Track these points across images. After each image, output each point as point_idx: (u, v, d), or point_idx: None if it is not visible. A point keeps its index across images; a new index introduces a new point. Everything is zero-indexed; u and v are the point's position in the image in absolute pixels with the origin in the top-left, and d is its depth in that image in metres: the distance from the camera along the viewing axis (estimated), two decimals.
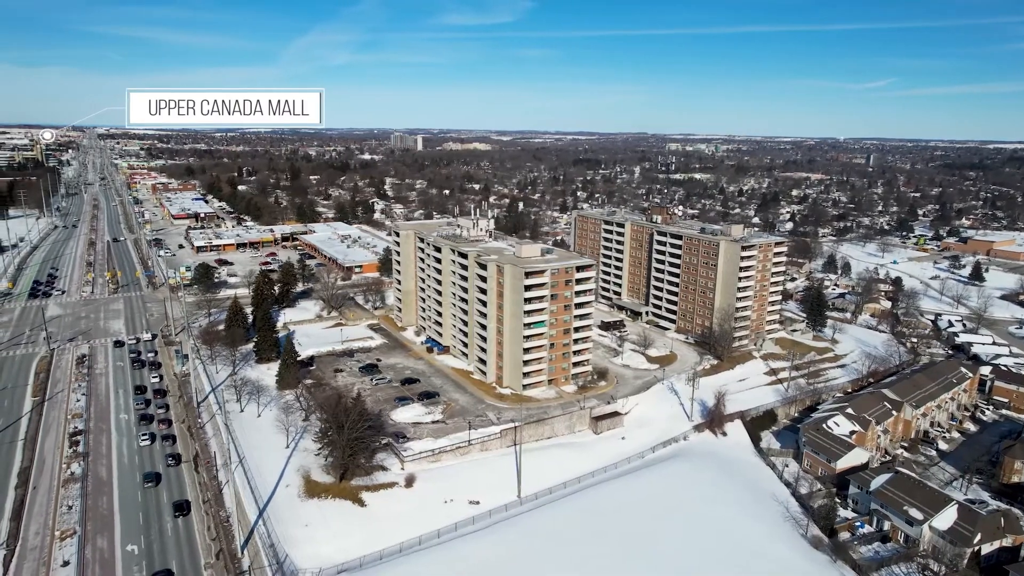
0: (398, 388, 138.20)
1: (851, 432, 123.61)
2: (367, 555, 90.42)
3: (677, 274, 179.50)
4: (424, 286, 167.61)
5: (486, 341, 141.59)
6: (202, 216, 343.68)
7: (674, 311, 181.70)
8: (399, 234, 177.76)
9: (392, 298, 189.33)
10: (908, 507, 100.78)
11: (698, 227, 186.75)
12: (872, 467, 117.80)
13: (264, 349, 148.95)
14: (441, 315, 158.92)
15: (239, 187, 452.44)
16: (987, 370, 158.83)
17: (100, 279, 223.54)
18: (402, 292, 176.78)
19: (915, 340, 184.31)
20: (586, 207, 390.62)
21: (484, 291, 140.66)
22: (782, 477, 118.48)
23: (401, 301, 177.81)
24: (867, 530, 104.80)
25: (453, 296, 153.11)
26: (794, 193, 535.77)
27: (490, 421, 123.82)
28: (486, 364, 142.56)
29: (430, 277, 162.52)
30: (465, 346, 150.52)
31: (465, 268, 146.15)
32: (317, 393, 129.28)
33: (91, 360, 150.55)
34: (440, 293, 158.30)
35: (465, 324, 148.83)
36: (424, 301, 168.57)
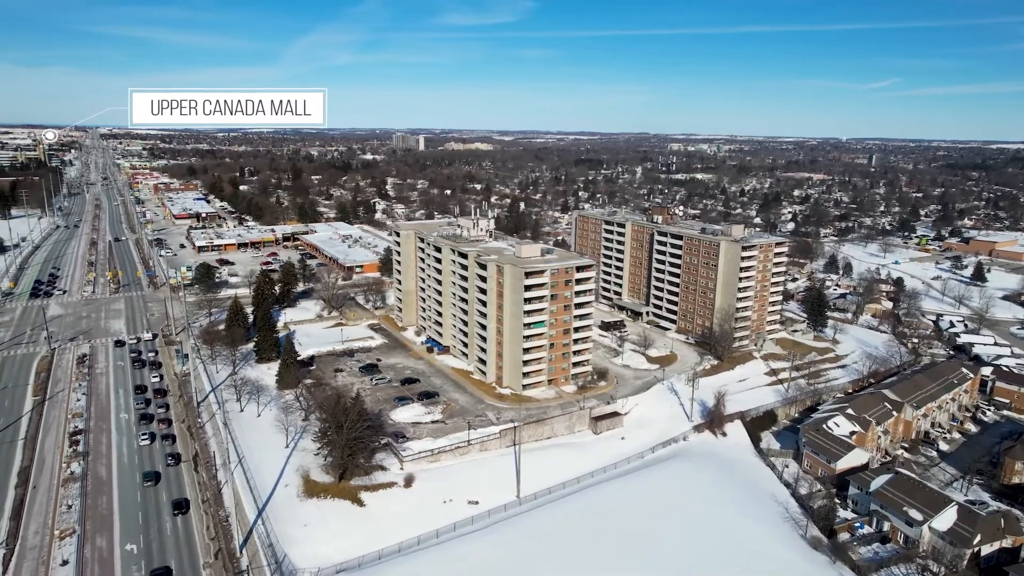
0: (398, 388, 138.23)
1: (851, 433, 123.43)
2: (366, 555, 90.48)
3: (678, 274, 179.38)
4: (424, 286, 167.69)
5: (486, 341, 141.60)
6: (204, 216, 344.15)
7: (675, 311, 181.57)
8: (399, 234, 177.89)
9: (393, 298, 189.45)
10: (908, 508, 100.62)
11: (699, 227, 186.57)
12: (872, 468, 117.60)
13: (264, 349, 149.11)
14: (441, 315, 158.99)
15: (241, 187, 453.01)
16: (988, 371, 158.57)
17: (101, 279, 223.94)
18: (402, 292, 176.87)
19: (916, 341, 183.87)
20: (587, 207, 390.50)
21: (484, 291, 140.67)
22: (782, 478, 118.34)
23: (401, 301, 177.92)
24: (867, 531, 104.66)
25: (453, 296, 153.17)
26: (796, 193, 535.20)
27: (489, 421, 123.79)
28: (486, 364, 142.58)
29: (430, 277, 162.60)
30: (465, 346, 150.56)
31: (465, 268, 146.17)
32: (317, 393, 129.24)
33: (92, 360, 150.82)
34: (440, 293, 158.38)
35: (465, 324, 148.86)
36: (424, 301, 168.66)
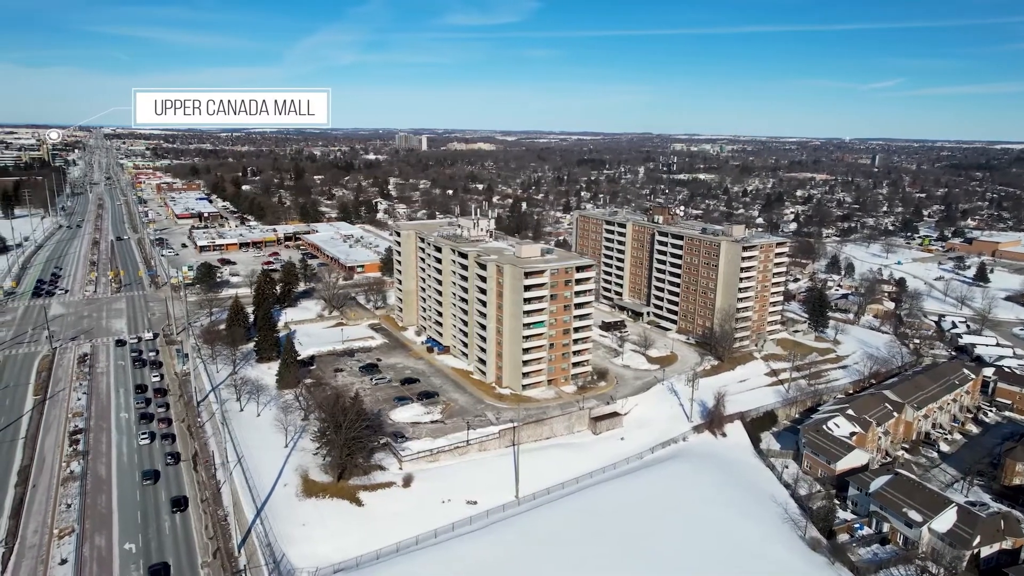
0: (398, 388, 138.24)
1: (851, 433, 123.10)
2: (364, 555, 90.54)
3: (678, 275, 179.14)
4: (425, 286, 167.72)
5: (486, 341, 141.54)
6: (206, 216, 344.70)
7: (675, 312, 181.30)
8: (400, 234, 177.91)
9: (393, 298, 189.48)
10: (907, 509, 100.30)
11: (699, 227, 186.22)
12: (872, 469, 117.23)
13: (265, 348, 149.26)
14: (441, 315, 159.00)
15: (243, 187, 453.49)
16: (990, 372, 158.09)
17: (103, 278, 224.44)
18: (403, 292, 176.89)
19: (918, 341, 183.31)
20: (590, 207, 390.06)
21: (484, 291, 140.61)
22: (781, 478, 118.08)
23: (402, 301, 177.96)
24: (866, 532, 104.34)
25: (453, 296, 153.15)
26: (798, 194, 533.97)
27: (489, 421, 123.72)
28: (486, 364, 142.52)
29: (431, 277, 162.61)
30: (465, 346, 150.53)
31: (465, 268, 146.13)
32: (317, 393, 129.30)
33: (92, 359, 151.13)
34: (440, 293, 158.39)
35: (465, 324, 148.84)
36: (425, 301, 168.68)
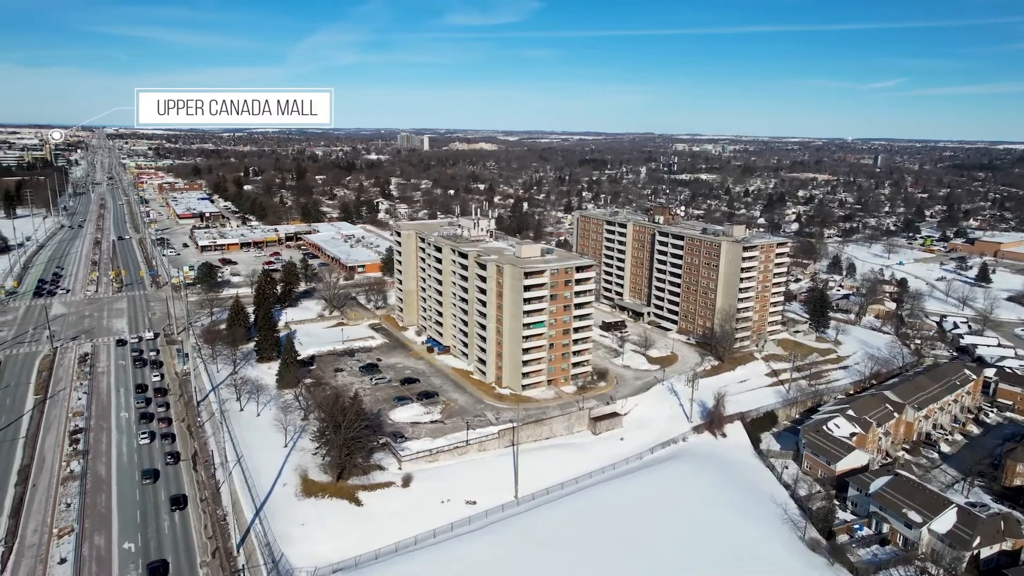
0: (397, 388, 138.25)
1: (851, 434, 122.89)
2: (363, 554, 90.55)
3: (679, 275, 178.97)
4: (425, 286, 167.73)
5: (486, 341, 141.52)
6: (207, 216, 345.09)
7: (676, 312, 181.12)
8: (401, 234, 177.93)
9: (394, 298, 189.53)
10: (907, 510, 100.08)
11: (700, 228, 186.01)
12: (872, 469, 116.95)
13: (265, 348, 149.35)
14: (442, 315, 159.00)
15: (245, 187, 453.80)
16: (991, 372, 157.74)
17: (104, 278, 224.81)
18: (403, 292, 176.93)
19: (919, 342, 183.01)
20: (591, 207, 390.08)
21: (484, 291, 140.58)
22: (781, 479, 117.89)
23: (402, 301, 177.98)
24: (866, 533, 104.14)
25: (453, 296, 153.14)
26: (800, 194, 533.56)
27: (488, 421, 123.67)
28: (486, 364, 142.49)
29: (431, 277, 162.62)
30: (465, 346, 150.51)
31: (465, 268, 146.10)
32: (316, 392, 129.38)
33: (93, 358, 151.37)
34: (441, 293, 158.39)
35: (465, 324, 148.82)
36: (425, 301, 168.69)
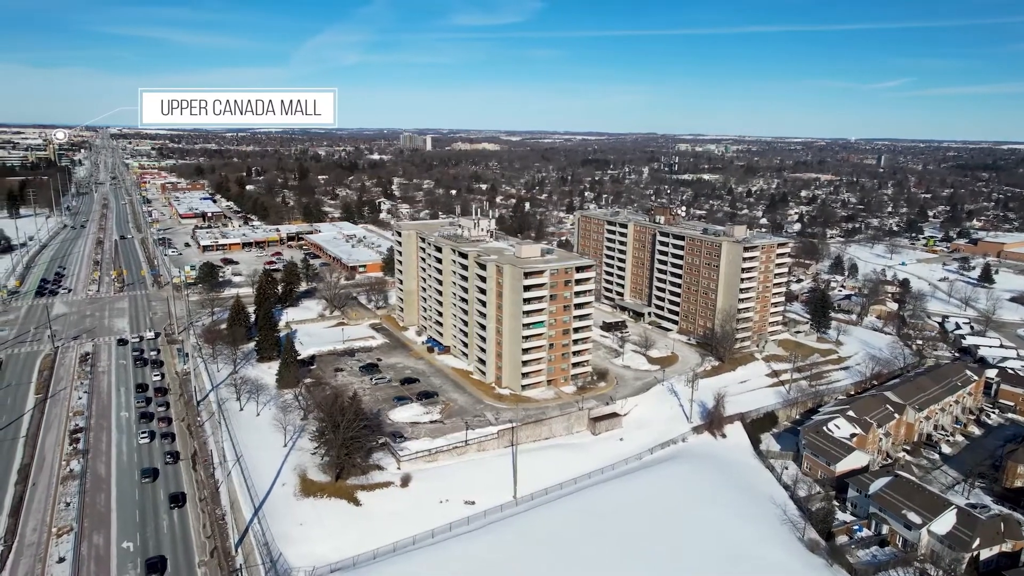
0: (397, 388, 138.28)
1: (852, 435, 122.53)
2: (361, 554, 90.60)
3: (679, 275, 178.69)
4: (425, 286, 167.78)
5: (485, 341, 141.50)
6: (209, 215, 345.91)
7: (676, 312, 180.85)
8: (401, 234, 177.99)
9: (394, 298, 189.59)
10: (907, 511, 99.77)
11: (701, 228, 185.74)
12: (872, 470, 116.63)
13: (265, 348, 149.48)
14: (442, 315, 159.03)
15: (247, 187, 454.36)
16: (993, 373, 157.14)
17: (106, 278, 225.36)
18: (404, 292, 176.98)
19: (921, 342, 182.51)
20: (593, 207, 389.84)
21: (484, 291, 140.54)
22: (781, 479, 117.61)
23: (403, 301, 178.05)
24: (865, 534, 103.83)
25: (453, 296, 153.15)
26: (803, 194, 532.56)
27: (488, 421, 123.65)
28: (485, 364, 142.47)
29: (431, 277, 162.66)
30: (465, 346, 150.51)
31: (465, 268, 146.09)
32: (316, 392, 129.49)
33: (94, 358, 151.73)
34: (441, 293, 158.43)
35: (465, 324, 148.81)
36: (425, 301, 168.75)
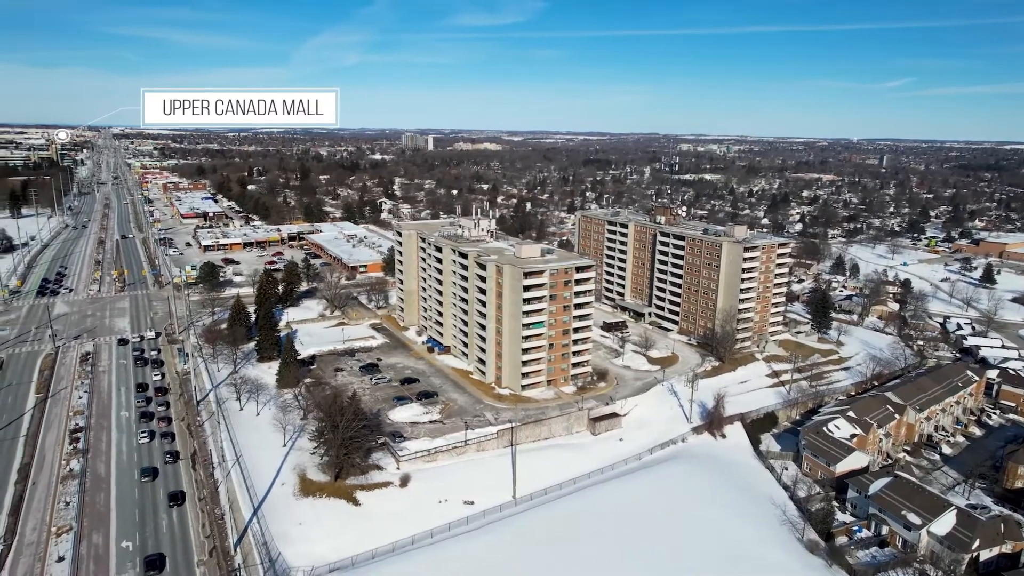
0: (397, 388, 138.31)
1: (852, 435, 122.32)
2: (359, 554, 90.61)
3: (680, 275, 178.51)
4: (426, 286, 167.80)
5: (485, 341, 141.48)
6: (210, 215, 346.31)
7: (677, 312, 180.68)
8: (402, 234, 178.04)
9: (395, 298, 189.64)
10: (906, 512, 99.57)
11: (701, 228, 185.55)
12: (872, 471, 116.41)
13: (266, 348, 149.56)
14: (442, 315, 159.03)
15: (249, 187, 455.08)
16: (994, 374, 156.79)
17: (107, 277, 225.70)
18: (404, 292, 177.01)
19: (922, 343, 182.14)
20: (594, 207, 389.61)
21: (483, 291, 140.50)
22: (780, 480, 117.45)
23: (403, 301, 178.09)
24: (865, 534, 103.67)
25: (453, 296, 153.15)
26: (805, 194, 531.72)
27: (487, 421, 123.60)
28: (485, 364, 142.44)
29: (431, 277, 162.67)
30: (465, 346, 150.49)
31: (465, 268, 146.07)
32: (316, 392, 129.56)
33: (95, 357, 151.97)
34: (441, 293, 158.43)
35: (465, 324, 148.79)
36: (426, 301, 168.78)
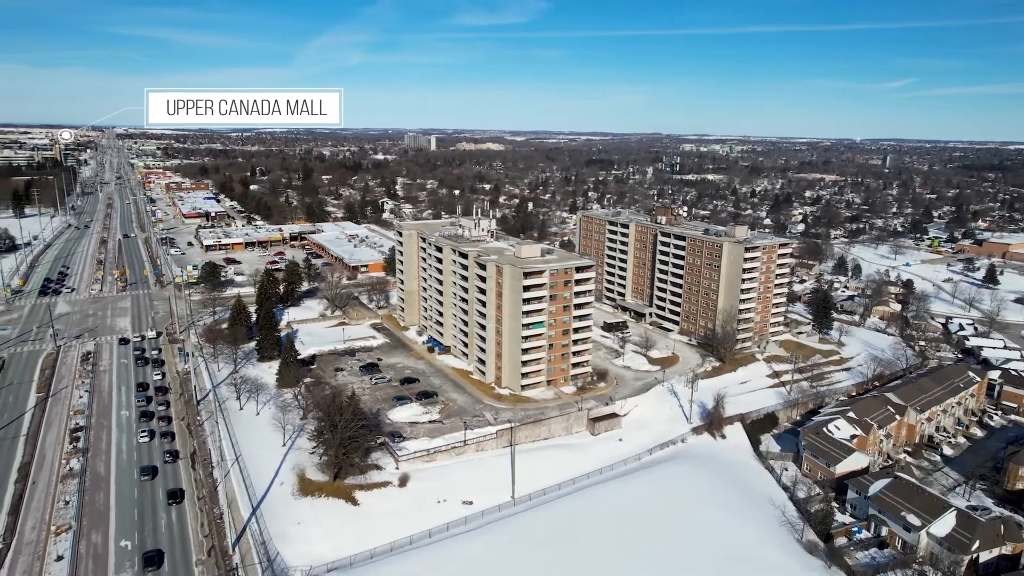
0: (397, 388, 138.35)
1: (852, 436, 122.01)
2: (358, 554, 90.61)
3: (681, 275, 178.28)
4: (426, 286, 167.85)
5: (485, 341, 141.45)
6: (213, 215, 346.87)
7: (677, 312, 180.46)
8: (403, 234, 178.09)
9: (396, 298, 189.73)
10: (906, 513, 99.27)
11: (702, 228, 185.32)
12: (872, 472, 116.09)
13: (266, 348, 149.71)
14: (442, 315, 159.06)
15: (251, 186, 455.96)
16: (996, 374, 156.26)
17: (109, 277, 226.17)
18: (405, 292, 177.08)
19: (924, 343, 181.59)
20: (596, 208, 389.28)
21: (483, 291, 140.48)
22: (780, 481, 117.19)
23: (404, 301, 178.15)
24: (864, 535, 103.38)
25: (454, 296, 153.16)
26: (807, 194, 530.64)
27: (487, 421, 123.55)
28: (485, 364, 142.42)
29: (432, 277, 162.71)
30: (465, 346, 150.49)
31: (465, 268, 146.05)
32: (316, 392, 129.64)
33: (96, 357, 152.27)
34: (441, 293, 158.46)
35: (465, 324, 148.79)
36: (426, 301, 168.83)
